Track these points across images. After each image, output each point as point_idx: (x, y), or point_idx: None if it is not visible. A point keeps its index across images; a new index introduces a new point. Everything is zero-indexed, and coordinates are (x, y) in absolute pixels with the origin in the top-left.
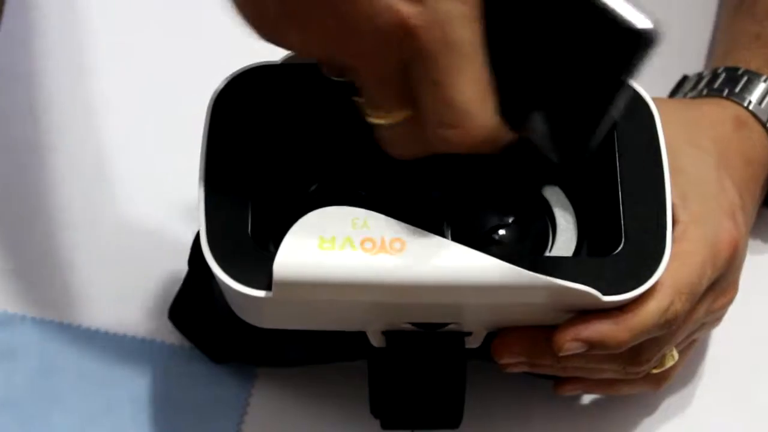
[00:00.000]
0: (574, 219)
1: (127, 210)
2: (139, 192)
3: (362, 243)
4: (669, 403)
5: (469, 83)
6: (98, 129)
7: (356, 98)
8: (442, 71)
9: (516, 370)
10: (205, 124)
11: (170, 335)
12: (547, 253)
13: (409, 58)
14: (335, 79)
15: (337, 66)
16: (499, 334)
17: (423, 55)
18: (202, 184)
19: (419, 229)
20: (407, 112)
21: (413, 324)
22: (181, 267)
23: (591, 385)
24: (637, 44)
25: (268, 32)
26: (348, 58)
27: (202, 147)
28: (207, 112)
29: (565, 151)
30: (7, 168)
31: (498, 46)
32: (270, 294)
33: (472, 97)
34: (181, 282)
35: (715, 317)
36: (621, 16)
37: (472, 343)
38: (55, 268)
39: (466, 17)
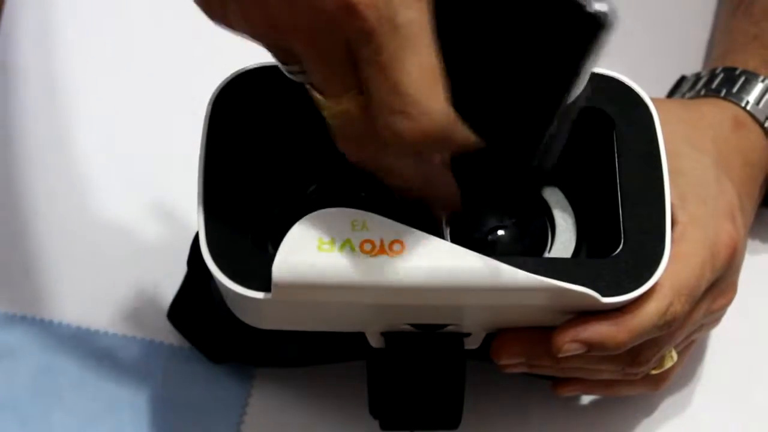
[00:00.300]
0: (574, 220)
1: (127, 210)
2: (138, 192)
3: (361, 245)
4: (668, 403)
5: (416, 66)
6: (98, 129)
7: (308, 86)
8: (388, 53)
9: (515, 370)
10: (204, 125)
11: (169, 335)
12: (546, 254)
13: (353, 39)
14: (284, 69)
15: (283, 50)
16: (498, 335)
17: (367, 36)
18: (201, 184)
19: (418, 231)
20: (356, 101)
21: (412, 325)
22: (181, 268)
23: (590, 385)
24: (592, 28)
25: (214, 12)
26: (291, 40)
27: (201, 147)
28: (206, 112)
29: (521, 145)
30: (7, 168)
31: (447, 30)
32: (269, 295)
33: (419, 82)
34: (180, 283)
35: (714, 318)
36: None
37: (471, 344)
38: (54, 268)
39: None
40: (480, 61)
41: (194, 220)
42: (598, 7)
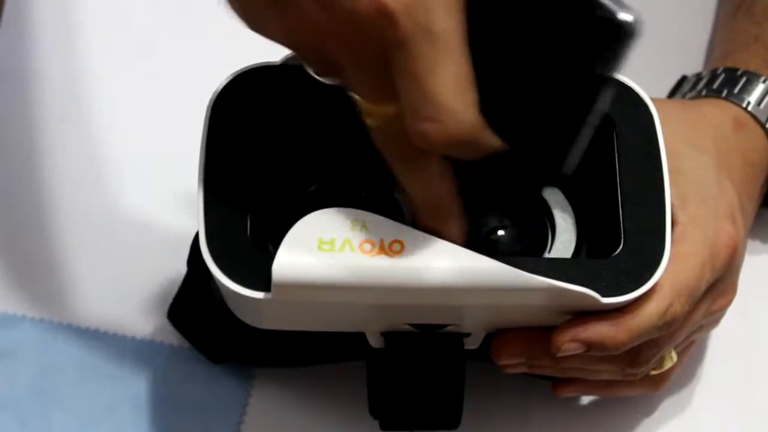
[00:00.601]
0: (574, 220)
1: (127, 210)
2: (139, 192)
3: (361, 245)
4: (668, 403)
5: (448, 75)
6: (98, 130)
7: (354, 97)
8: (421, 61)
9: (515, 370)
10: (204, 125)
11: (170, 335)
12: (546, 255)
13: (389, 46)
14: (325, 80)
15: (322, 60)
16: (497, 335)
17: (402, 43)
18: (201, 184)
19: (418, 231)
20: (395, 105)
21: (412, 325)
22: (181, 267)
23: (590, 386)
24: (618, 36)
25: (254, 20)
26: (329, 47)
27: (201, 147)
28: (206, 113)
29: (551, 155)
30: (6, 168)
31: (479, 40)
32: (269, 295)
33: (451, 90)
34: (181, 282)
35: (713, 318)
36: (604, 8)
37: (471, 344)
38: (54, 268)
39: (449, 6)
40: (509, 69)
41: (194, 220)
42: (625, 17)
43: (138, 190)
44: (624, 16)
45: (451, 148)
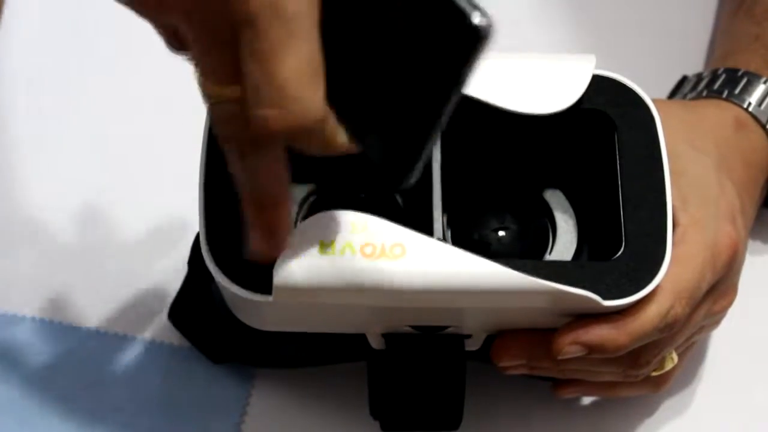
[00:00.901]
0: (575, 222)
1: (127, 210)
2: (139, 192)
3: (362, 248)
4: (668, 404)
5: (297, 60)
6: (97, 130)
7: (195, 71)
8: (270, 42)
9: (515, 372)
10: (205, 126)
11: (170, 335)
12: (547, 257)
13: (238, 22)
14: (175, 53)
15: (170, 32)
16: (498, 337)
17: (251, 21)
18: (202, 185)
19: (419, 234)
20: (237, 90)
21: (413, 327)
22: (181, 267)
23: (590, 387)
24: (471, 39)
25: None
26: (177, 18)
27: (202, 148)
28: (207, 113)
29: (396, 157)
30: (6, 168)
31: (333, 28)
32: (269, 298)
33: (297, 76)
34: (181, 282)
35: (714, 320)
36: (459, 8)
37: (472, 345)
38: (55, 268)
39: None
40: (362, 62)
41: (195, 221)
42: (479, 21)
43: (138, 190)
44: (478, 20)
45: (292, 138)
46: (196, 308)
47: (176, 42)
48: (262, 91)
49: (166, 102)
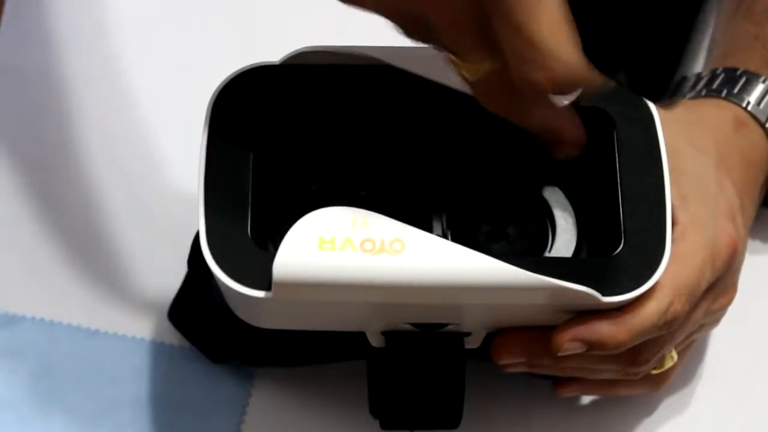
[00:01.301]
0: (574, 219)
1: (127, 210)
2: (138, 191)
3: (362, 243)
4: (668, 403)
5: (550, 20)
6: (98, 130)
7: (449, 56)
8: (522, 9)
9: (515, 370)
10: (204, 124)
11: (170, 335)
12: (547, 254)
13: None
14: (413, 41)
15: (413, 21)
16: (498, 335)
17: None
18: (202, 184)
19: (419, 230)
20: (496, 61)
21: (413, 324)
22: (181, 267)
23: (590, 386)
24: None
25: None
26: (424, 9)
27: (201, 146)
28: (207, 112)
29: (654, 82)
30: (7, 168)
31: None
32: (269, 294)
33: (554, 35)
34: (181, 282)
35: (714, 318)
36: None
37: (472, 343)
38: (54, 268)
39: None
40: (609, 7)
41: (195, 220)
42: None
43: (138, 189)
44: None
45: (561, 91)
46: (196, 308)
47: (419, 33)
48: (525, 57)
49: (166, 101)
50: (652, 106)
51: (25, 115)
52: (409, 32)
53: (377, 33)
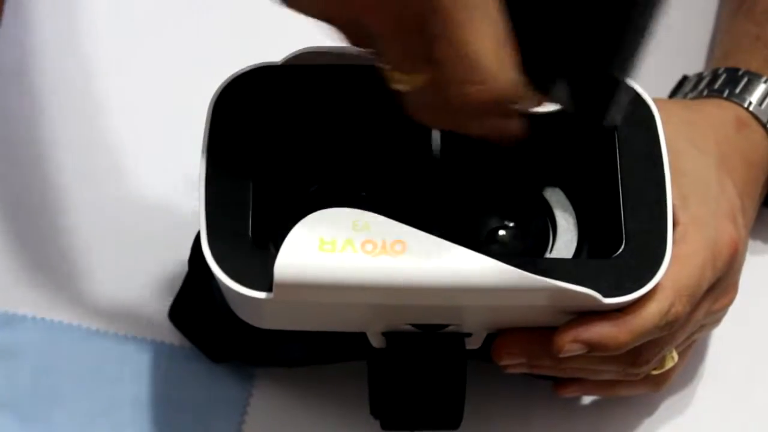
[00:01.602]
0: (575, 220)
1: (127, 210)
2: (139, 192)
3: (363, 245)
4: (669, 403)
5: (487, 38)
6: (98, 130)
7: (380, 64)
8: (460, 26)
9: (516, 371)
10: (205, 125)
11: (170, 335)
12: (548, 255)
13: (425, 12)
14: (358, 49)
15: (355, 30)
16: (498, 336)
17: (439, 9)
18: (203, 184)
19: (420, 231)
20: (429, 73)
21: (413, 325)
22: (181, 267)
23: (591, 386)
24: None
25: None
26: (364, 17)
27: (202, 147)
28: (208, 113)
29: (593, 107)
30: (8, 168)
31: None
32: (270, 295)
33: (491, 53)
34: (181, 282)
35: (715, 318)
36: None
37: (472, 344)
38: (55, 268)
39: None
40: (544, 25)
41: (195, 220)
42: None
43: (139, 189)
44: None
45: (494, 107)
46: (196, 308)
47: (360, 41)
48: (460, 72)
49: (167, 102)
50: (653, 106)
51: (22, 116)
52: (349, 39)
53: None
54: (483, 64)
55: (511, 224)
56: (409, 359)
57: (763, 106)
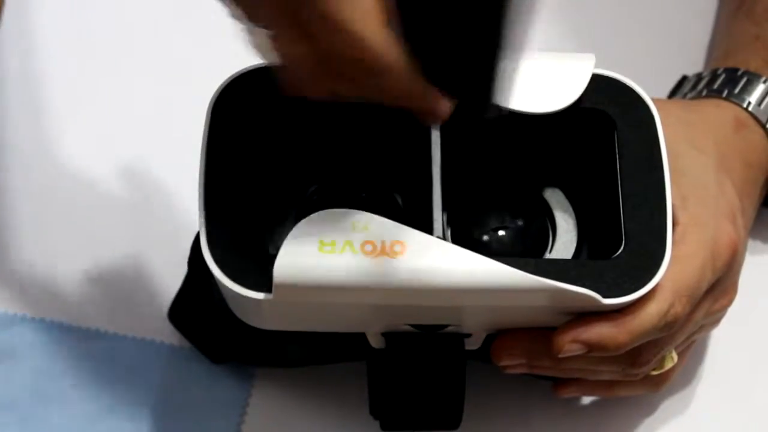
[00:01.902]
0: (575, 221)
1: (127, 211)
2: (139, 193)
3: (362, 246)
4: (669, 403)
5: (357, 7)
6: (98, 130)
7: (261, 36)
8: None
9: (515, 371)
10: (204, 126)
11: (170, 335)
12: (547, 255)
13: None
14: (244, 24)
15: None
16: (498, 336)
17: None
18: (202, 185)
19: (419, 232)
20: (307, 45)
21: (413, 325)
22: (181, 267)
23: (590, 387)
24: None
25: None
26: None
27: (202, 148)
28: (207, 114)
29: (471, 82)
30: (8, 168)
31: None
32: (270, 296)
33: (359, 20)
34: (181, 283)
35: (714, 319)
36: None
37: (472, 344)
38: (55, 268)
39: None
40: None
41: (195, 220)
42: None
43: (138, 190)
44: None
45: (372, 78)
46: (196, 308)
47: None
48: (334, 42)
49: (166, 102)
50: (652, 106)
51: (21, 117)
52: (240, 18)
53: None
54: (355, 28)
55: (511, 225)
56: (409, 360)
57: (762, 106)
